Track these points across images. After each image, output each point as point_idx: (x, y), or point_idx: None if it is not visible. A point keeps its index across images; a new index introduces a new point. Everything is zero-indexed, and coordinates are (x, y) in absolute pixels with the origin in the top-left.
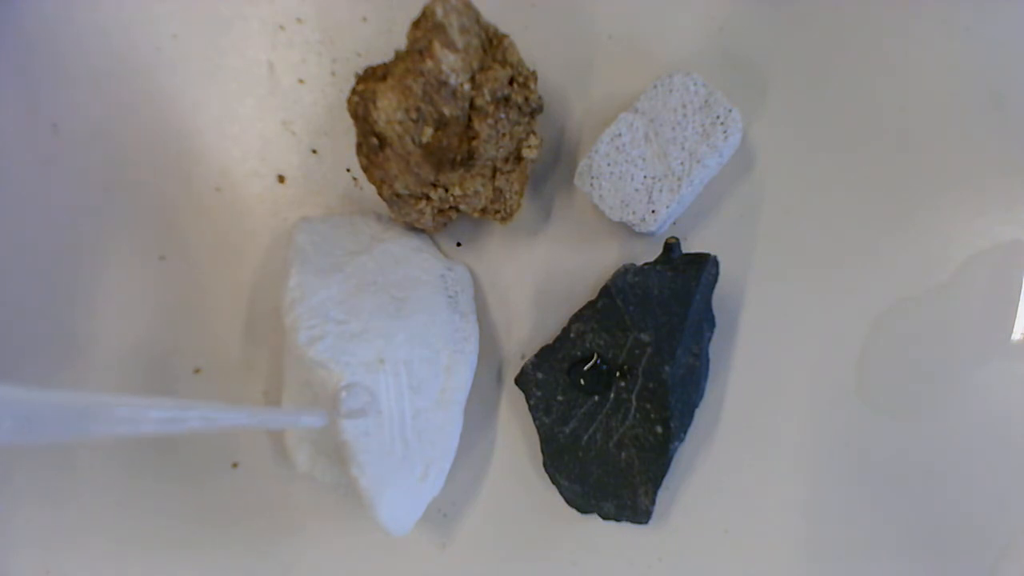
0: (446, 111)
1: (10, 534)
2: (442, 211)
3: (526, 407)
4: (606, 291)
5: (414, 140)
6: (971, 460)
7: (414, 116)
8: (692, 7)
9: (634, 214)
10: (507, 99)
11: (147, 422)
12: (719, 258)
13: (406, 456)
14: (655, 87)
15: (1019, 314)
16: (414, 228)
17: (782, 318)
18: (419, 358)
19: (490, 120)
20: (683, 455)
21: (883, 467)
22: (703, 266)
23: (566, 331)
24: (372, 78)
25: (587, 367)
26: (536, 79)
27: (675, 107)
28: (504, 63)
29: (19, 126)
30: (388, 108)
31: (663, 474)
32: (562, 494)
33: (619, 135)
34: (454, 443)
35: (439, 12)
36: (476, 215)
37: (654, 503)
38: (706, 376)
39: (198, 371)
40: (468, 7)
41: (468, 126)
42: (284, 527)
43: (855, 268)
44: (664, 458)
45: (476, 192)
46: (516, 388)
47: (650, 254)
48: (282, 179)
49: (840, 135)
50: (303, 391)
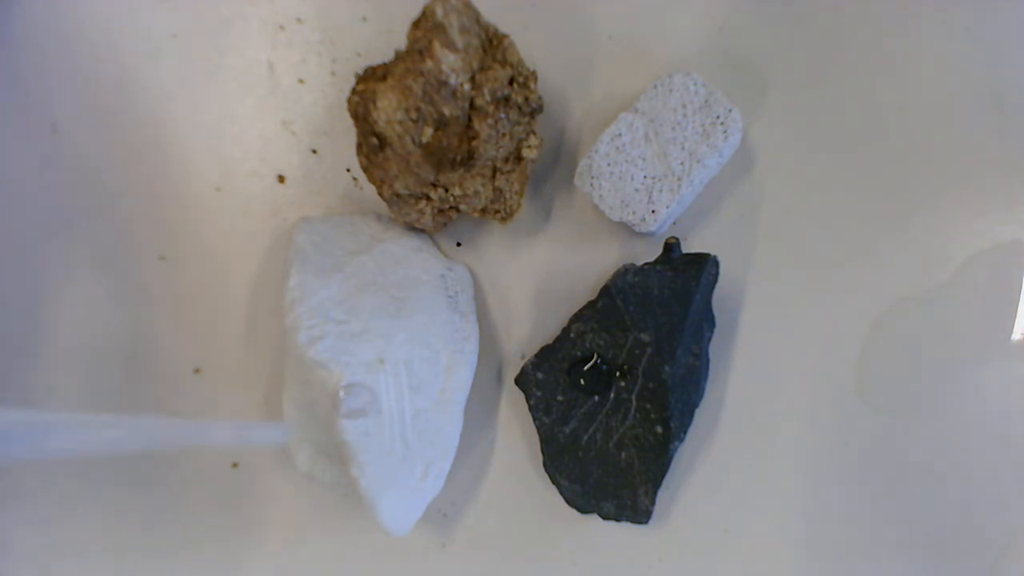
0: (446, 111)
1: (10, 535)
2: (442, 211)
3: (526, 407)
4: (606, 291)
5: (414, 140)
6: (971, 460)
7: (414, 116)
8: (692, 7)
9: (634, 214)
10: (507, 99)
11: (101, 442)
12: (719, 258)
13: (406, 456)
14: (655, 87)
15: (1019, 314)
16: (414, 228)
17: (782, 318)
18: (419, 358)
19: (490, 120)
20: (683, 455)
21: (883, 467)
22: (703, 266)
23: (566, 331)
24: (372, 78)
25: (587, 367)
26: (536, 79)
27: (675, 107)
28: (504, 63)
29: (19, 126)
30: (388, 108)
31: (663, 474)
32: (562, 494)
33: (619, 135)
34: (454, 443)
35: (439, 12)
36: (476, 215)
37: (654, 503)
38: (706, 376)
39: (198, 371)
40: (468, 7)
41: (468, 126)
42: (284, 527)
43: (855, 268)
44: (664, 458)
45: (476, 192)
46: (516, 388)
47: (650, 254)
48: (282, 179)
49: (840, 135)
50: (303, 391)
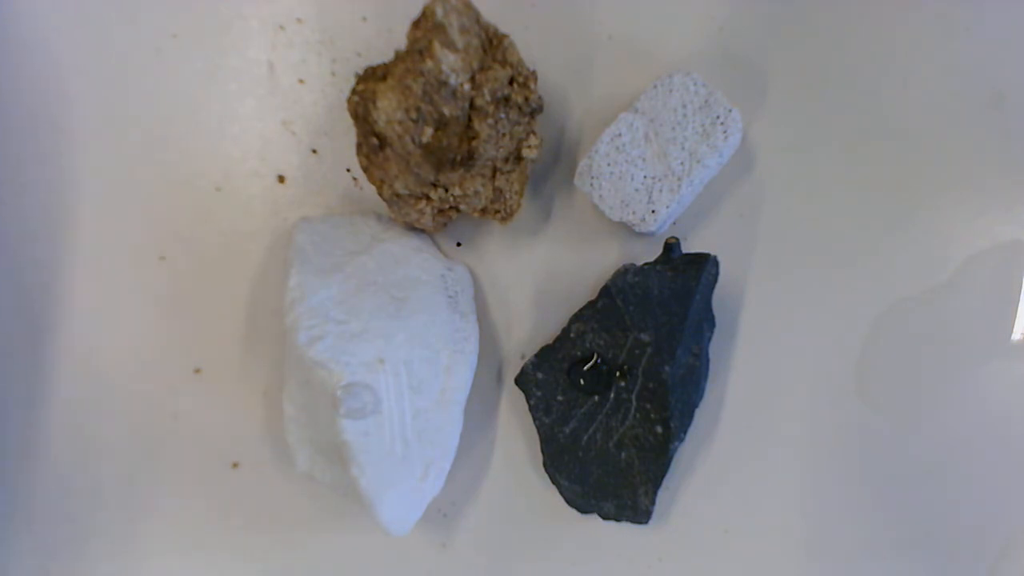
0: (446, 111)
1: (10, 535)
2: (442, 211)
3: (526, 407)
4: (606, 291)
5: (414, 140)
6: (971, 460)
7: (414, 116)
8: (692, 7)
9: (634, 214)
10: (507, 99)
11: None
12: (719, 258)
13: (406, 456)
14: (655, 87)
15: (1019, 314)
16: (414, 228)
17: (782, 318)
18: (419, 358)
19: (490, 120)
20: (683, 455)
21: (883, 467)
22: (703, 266)
23: (566, 331)
24: (372, 78)
25: (587, 367)
26: (536, 79)
27: (675, 107)
28: (504, 63)
29: (19, 126)
30: (388, 108)
31: (663, 474)
32: (562, 494)
33: (619, 135)
34: (454, 443)
35: (439, 12)
36: (476, 215)
37: (654, 503)
38: (706, 376)
39: (198, 371)
40: (468, 7)
41: (468, 126)
42: (284, 527)
43: (855, 268)
44: (664, 458)
45: (476, 192)
46: (516, 388)
47: (650, 254)
48: (282, 179)
49: (840, 135)
50: (303, 391)
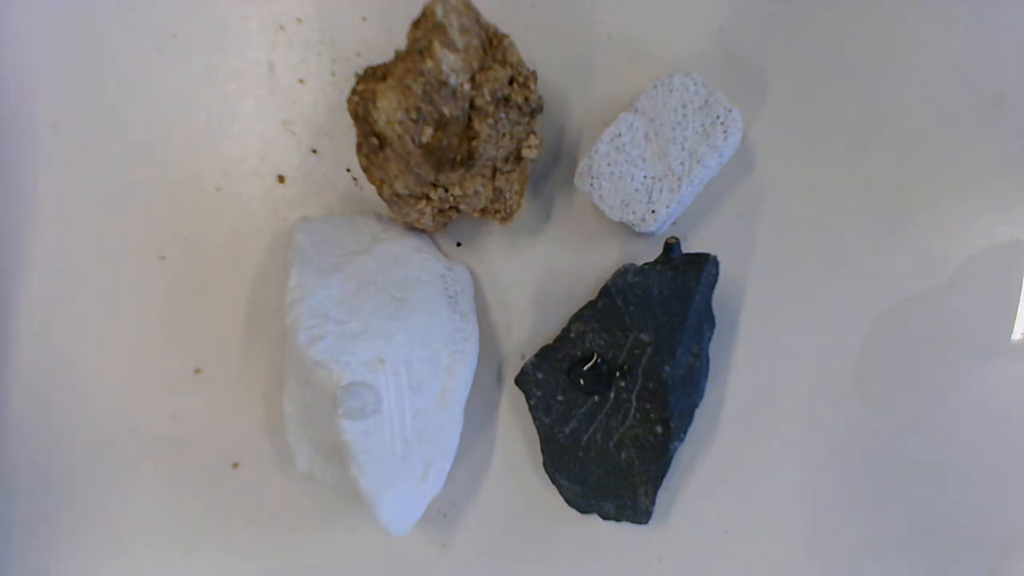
0: (446, 111)
1: (10, 535)
2: (442, 211)
3: (526, 407)
4: (606, 291)
5: (414, 140)
6: (971, 460)
7: (414, 116)
8: (692, 7)
9: (634, 214)
10: (507, 99)
11: None
12: (719, 258)
13: (406, 456)
14: (655, 87)
15: (1019, 314)
16: (414, 228)
17: (782, 318)
18: (419, 358)
19: (490, 120)
20: (683, 455)
21: (883, 467)
22: (703, 266)
23: (566, 331)
24: (372, 78)
25: (587, 367)
26: (536, 79)
27: (675, 107)
28: (504, 63)
29: (19, 126)
30: (388, 108)
31: (663, 474)
32: (562, 494)
33: (619, 135)
34: (454, 443)
35: (439, 12)
36: (476, 215)
37: (654, 503)
38: (706, 376)
39: (198, 371)
40: (468, 7)
41: (468, 126)
42: (284, 527)
43: (855, 268)
44: (664, 458)
45: (476, 192)
46: (516, 388)
47: (650, 254)
48: (282, 179)
49: (840, 135)
50: (303, 391)
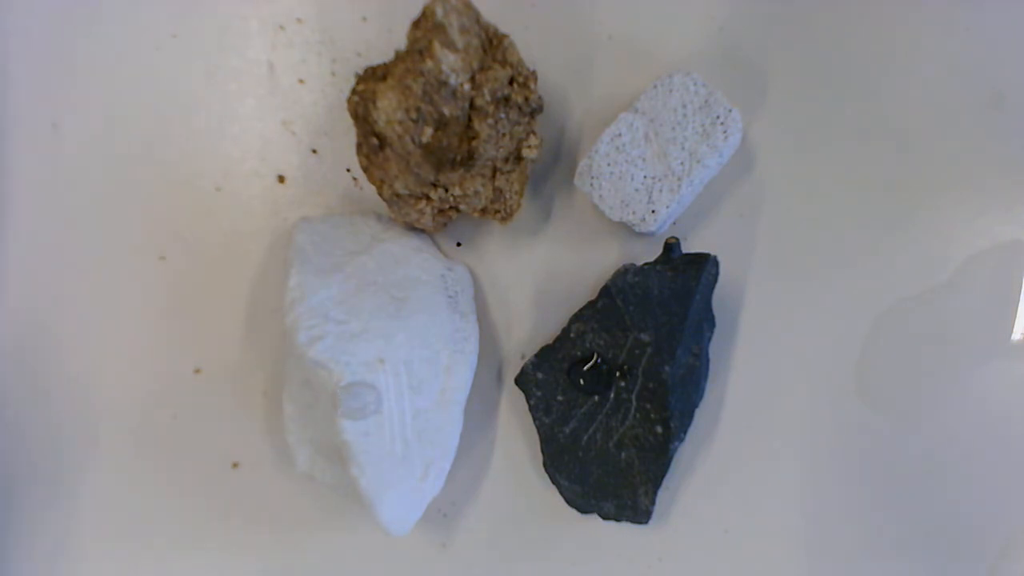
0: (446, 111)
1: (10, 535)
2: (442, 211)
3: (526, 407)
4: (606, 291)
5: (414, 140)
6: (971, 460)
7: (414, 116)
8: (692, 7)
9: (634, 214)
10: (507, 99)
11: None
12: (719, 258)
13: (406, 456)
14: (655, 87)
15: (1019, 314)
16: (414, 228)
17: (782, 318)
18: (419, 358)
19: (490, 120)
20: (683, 455)
21: (883, 467)
22: (703, 266)
23: (566, 331)
24: (372, 78)
25: (587, 367)
26: (536, 79)
27: (675, 107)
28: (504, 63)
29: (19, 126)
30: (388, 108)
31: (663, 474)
32: (562, 494)
33: (619, 135)
34: (454, 443)
35: (439, 12)
36: (476, 215)
37: (654, 503)
38: (706, 376)
39: (198, 371)
40: (468, 7)
41: (468, 126)
42: (284, 527)
43: (855, 268)
44: (664, 458)
45: (476, 192)
46: (516, 388)
47: (650, 254)
48: (282, 179)
49: (840, 135)
50: (303, 391)
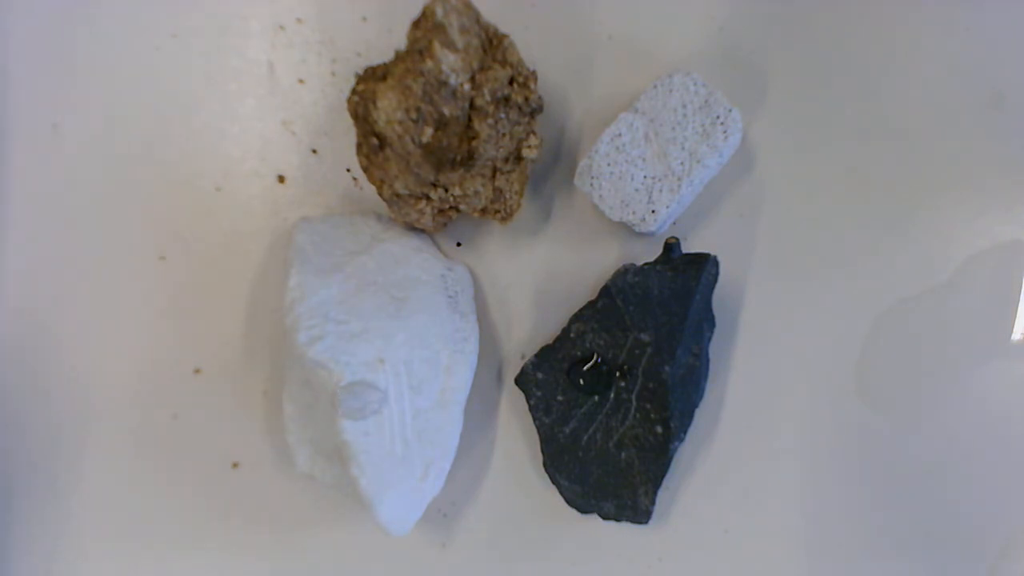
0: (446, 111)
1: (11, 534)
2: (442, 211)
3: (526, 407)
4: (606, 291)
5: (414, 140)
6: (971, 460)
7: (414, 116)
8: (692, 7)
9: (634, 214)
10: (507, 99)
11: None
12: (719, 258)
13: (406, 456)
14: (655, 87)
15: (1019, 314)
16: (414, 228)
17: (782, 318)
18: (419, 358)
19: (490, 120)
20: (683, 455)
21: (883, 467)
22: (703, 266)
23: (566, 331)
24: (372, 78)
25: (587, 367)
26: (536, 79)
27: (675, 107)
28: (504, 63)
29: (19, 126)
30: (388, 108)
31: (663, 474)
32: (562, 494)
33: (619, 135)
34: (454, 443)
35: (439, 12)
36: (476, 215)
37: (654, 503)
38: (706, 376)
39: (198, 371)
40: (468, 7)
41: (468, 126)
42: (284, 527)
43: (855, 268)
44: (664, 458)
45: (476, 192)
46: (516, 388)
47: (650, 254)
48: (282, 179)
49: (840, 135)
50: (303, 391)
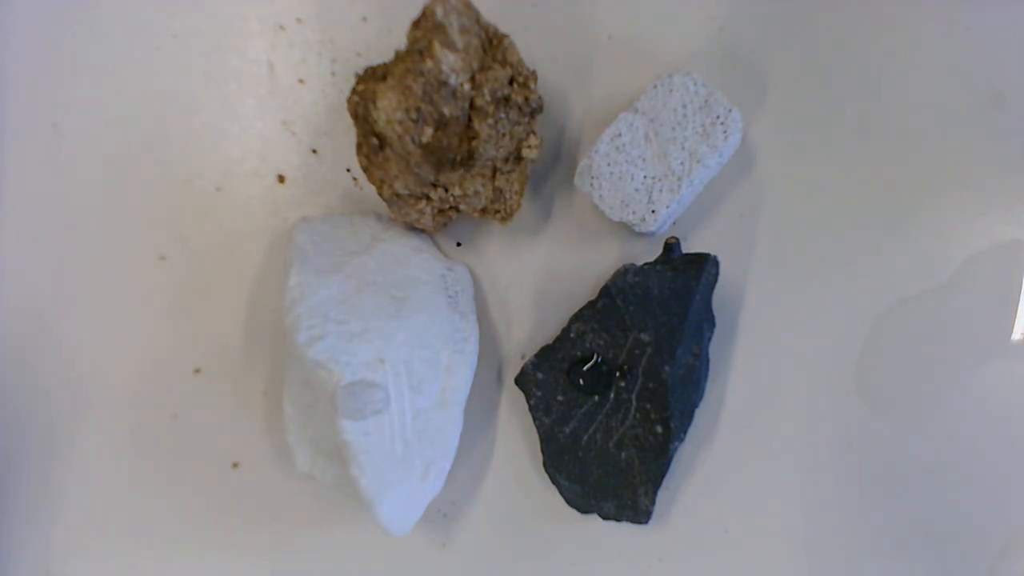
0: (446, 111)
1: (10, 534)
2: (442, 211)
3: (526, 407)
4: (606, 291)
5: (414, 140)
6: (971, 460)
7: (414, 116)
8: (692, 7)
9: (634, 214)
10: (507, 99)
11: None
12: (719, 258)
13: (406, 456)
14: (655, 87)
15: (1019, 314)
16: (414, 228)
17: (782, 318)
18: (419, 358)
19: (490, 120)
20: (683, 455)
21: (883, 467)
22: (703, 266)
23: (566, 331)
24: (372, 78)
25: (587, 367)
26: (536, 79)
27: (675, 107)
28: (504, 63)
29: (19, 126)
30: (388, 108)
31: (663, 474)
32: (562, 494)
33: (619, 135)
34: (454, 443)
35: (439, 12)
36: (476, 215)
37: (654, 503)
38: (706, 376)
39: (198, 371)
40: (468, 7)
41: (468, 126)
42: (284, 527)
43: (855, 268)
44: (664, 458)
45: (476, 192)
46: (516, 388)
47: (650, 254)
48: (282, 179)
49: (840, 135)
50: (303, 391)
